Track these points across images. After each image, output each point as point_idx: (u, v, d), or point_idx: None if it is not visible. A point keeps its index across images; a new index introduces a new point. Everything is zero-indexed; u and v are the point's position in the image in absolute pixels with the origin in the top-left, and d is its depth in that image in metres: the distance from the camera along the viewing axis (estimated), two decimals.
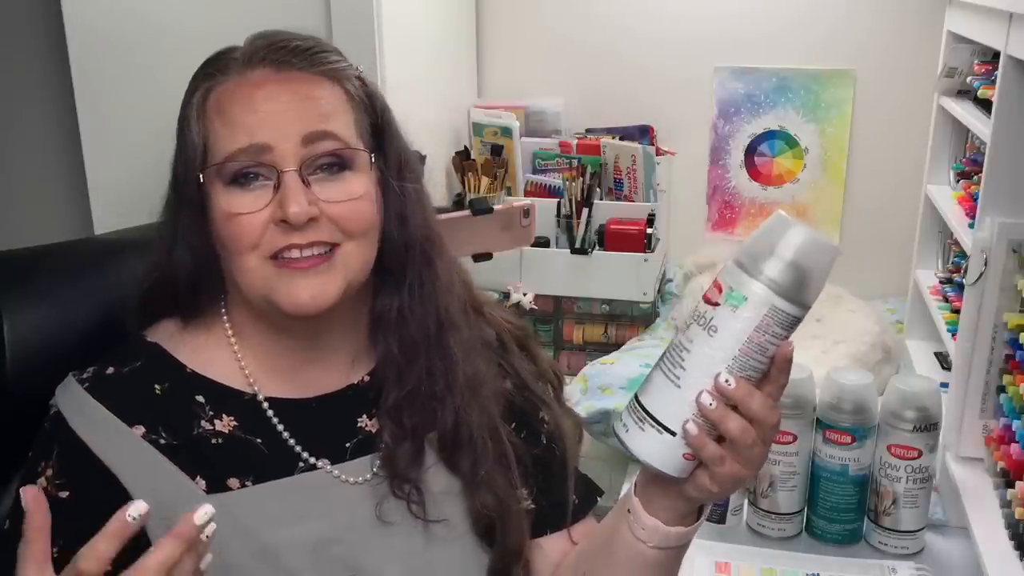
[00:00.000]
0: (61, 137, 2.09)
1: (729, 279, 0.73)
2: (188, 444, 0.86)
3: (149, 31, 1.85)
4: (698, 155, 2.39)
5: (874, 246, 2.33)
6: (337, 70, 0.88)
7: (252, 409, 0.89)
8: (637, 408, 0.76)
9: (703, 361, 0.73)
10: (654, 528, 0.83)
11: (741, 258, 0.73)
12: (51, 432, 0.86)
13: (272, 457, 0.88)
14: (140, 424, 0.85)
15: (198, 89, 0.87)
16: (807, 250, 0.72)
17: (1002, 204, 1.30)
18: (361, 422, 0.93)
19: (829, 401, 1.25)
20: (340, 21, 1.76)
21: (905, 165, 2.18)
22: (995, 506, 1.26)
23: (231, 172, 0.84)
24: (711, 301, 0.73)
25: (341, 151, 0.86)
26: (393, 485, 0.90)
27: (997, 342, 1.31)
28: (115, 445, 0.84)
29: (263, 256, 0.84)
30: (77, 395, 0.86)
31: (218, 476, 0.86)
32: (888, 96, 2.24)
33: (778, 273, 0.72)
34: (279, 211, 0.83)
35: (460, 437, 0.93)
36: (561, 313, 2.18)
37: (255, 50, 0.87)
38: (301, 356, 0.92)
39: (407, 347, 0.92)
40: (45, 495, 0.76)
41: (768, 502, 1.29)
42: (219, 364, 0.90)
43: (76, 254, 1.01)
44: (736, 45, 2.30)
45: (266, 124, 0.83)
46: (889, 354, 1.92)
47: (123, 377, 0.87)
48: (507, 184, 2.25)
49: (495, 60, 2.45)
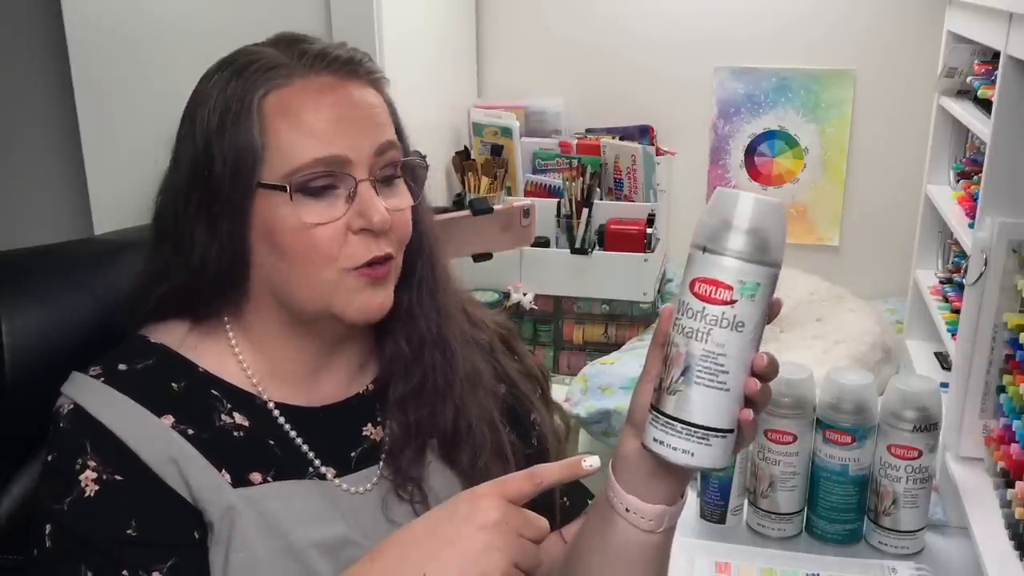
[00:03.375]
0: (61, 137, 2.09)
1: (730, 275, 0.73)
2: (213, 436, 0.84)
3: (149, 31, 1.86)
4: (698, 155, 2.40)
5: (874, 246, 2.34)
6: (381, 79, 0.90)
7: (263, 413, 0.88)
8: (684, 426, 0.75)
9: (741, 356, 0.75)
10: (661, 513, 0.83)
11: (734, 248, 0.73)
12: (75, 428, 0.82)
13: (286, 459, 0.87)
14: (168, 414, 0.83)
15: (253, 90, 0.83)
16: (775, 216, 0.74)
17: (1002, 204, 1.30)
18: (366, 431, 0.93)
19: (829, 401, 1.25)
20: (340, 21, 1.76)
21: (905, 165, 2.19)
22: (995, 506, 1.25)
23: (304, 182, 0.82)
24: (726, 300, 0.73)
25: (403, 160, 0.88)
26: (397, 486, 0.90)
27: (997, 342, 1.31)
28: (146, 435, 0.82)
29: (343, 268, 0.83)
30: (97, 387, 0.83)
31: (241, 470, 0.84)
32: (888, 96, 2.24)
33: (776, 250, 0.74)
34: (358, 220, 0.83)
35: (459, 431, 0.93)
36: (561, 313, 2.18)
37: (313, 56, 0.85)
38: (314, 363, 0.91)
39: (414, 342, 0.93)
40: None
41: (768, 502, 1.29)
42: (226, 367, 0.89)
43: (76, 254, 1.00)
44: (736, 45, 2.30)
45: (340, 135, 0.82)
46: (889, 354, 1.92)
47: (138, 372, 0.85)
48: (507, 184, 2.26)
49: (495, 60, 2.45)
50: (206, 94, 0.85)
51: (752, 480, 1.30)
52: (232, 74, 0.84)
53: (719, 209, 0.74)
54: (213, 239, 0.84)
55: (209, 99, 0.84)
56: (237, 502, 0.82)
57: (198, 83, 0.87)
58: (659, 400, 0.76)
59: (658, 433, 0.76)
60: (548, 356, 2.20)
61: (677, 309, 0.76)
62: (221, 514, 0.82)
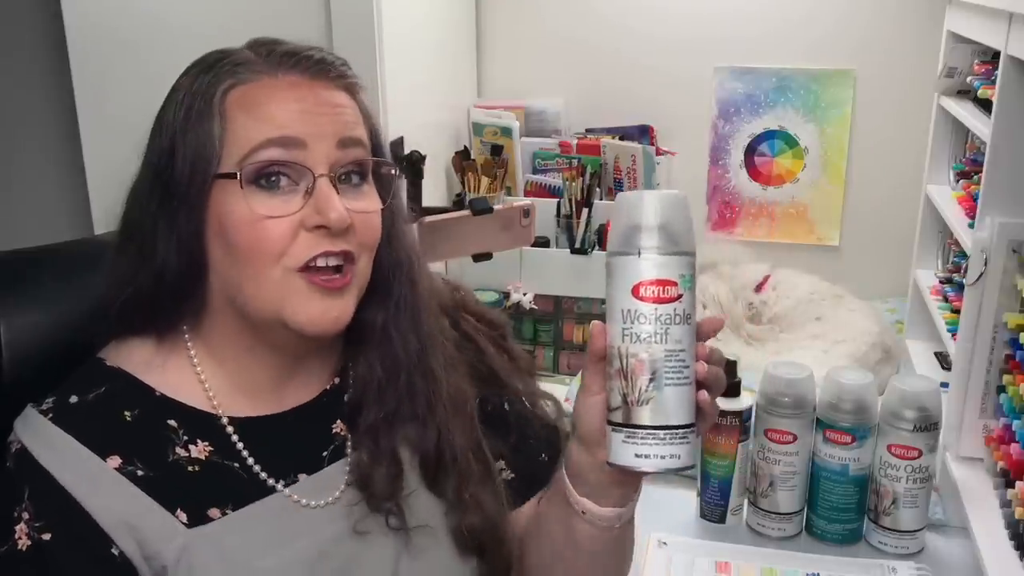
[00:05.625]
0: (61, 137, 2.09)
1: (671, 271, 0.75)
2: (164, 474, 0.80)
3: (149, 31, 1.86)
4: (698, 155, 2.39)
5: (874, 246, 2.33)
6: (355, 84, 0.87)
7: (222, 434, 0.85)
8: (666, 431, 0.75)
9: (693, 346, 0.77)
10: (618, 515, 0.85)
11: (665, 245, 0.75)
12: (17, 471, 0.78)
13: (249, 481, 0.84)
14: (115, 454, 0.79)
15: (217, 84, 0.81)
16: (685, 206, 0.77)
17: (1002, 204, 1.30)
18: (336, 427, 0.90)
19: (829, 401, 1.25)
20: (340, 21, 1.76)
21: (905, 165, 2.18)
22: (995, 506, 1.26)
23: (257, 167, 0.78)
24: (674, 297, 0.75)
25: (367, 161, 0.84)
26: (371, 506, 0.87)
27: (997, 342, 1.31)
28: (88, 480, 0.78)
29: (289, 267, 0.79)
30: (42, 427, 0.79)
31: (198, 506, 0.81)
32: (888, 96, 2.24)
33: (692, 238, 0.76)
34: (314, 217, 0.79)
35: (444, 459, 0.90)
36: (561, 313, 2.18)
37: (281, 55, 0.83)
38: (278, 372, 0.88)
39: (388, 365, 0.89)
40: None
41: (768, 502, 1.29)
42: (186, 386, 0.85)
43: (76, 254, 1.00)
44: (736, 45, 2.30)
45: (300, 121, 0.79)
46: (889, 354, 1.92)
47: (88, 405, 0.81)
48: (507, 184, 2.25)
49: (495, 60, 2.45)
50: (175, 92, 0.83)
51: (752, 480, 1.30)
52: (200, 71, 0.83)
53: (634, 212, 0.75)
54: (171, 239, 0.81)
55: (177, 95, 0.83)
56: (193, 541, 0.79)
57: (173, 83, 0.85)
58: (628, 415, 0.75)
59: (639, 448, 0.75)
60: (548, 356, 2.19)
61: (621, 319, 0.75)
62: (177, 556, 0.79)
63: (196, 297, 0.84)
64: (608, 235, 0.79)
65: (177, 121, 0.81)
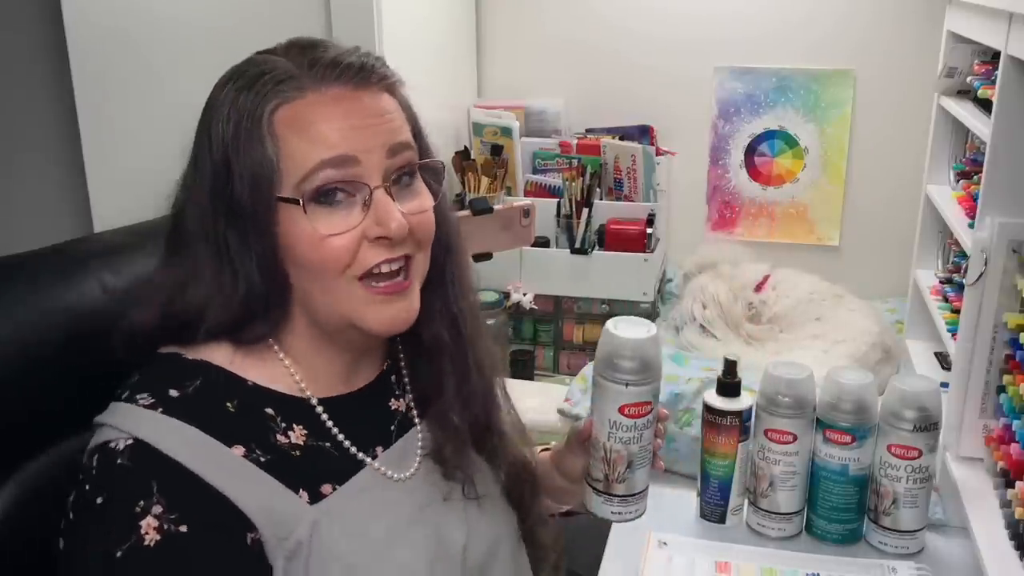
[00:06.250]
0: (61, 137, 2.09)
1: (646, 396, 0.98)
2: (278, 458, 0.83)
3: (149, 31, 1.86)
4: (698, 155, 2.40)
5: (874, 246, 2.34)
6: (394, 83, 0.89)
7: (314, 416, 0.89)
8: (634, 497, 1.01)
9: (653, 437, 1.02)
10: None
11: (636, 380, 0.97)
12: (138, 466, 0.77)
13: (342, 457, 0.89)
14: (239, 444, 0.81)
15: (263, 105, 0.82)
16: (657, 344, 0.99)
17: (1002, 204, 1.30)
18: (393, 404, 0.96)
19: (829, 401, 1.25)
20: (340, 21, 1.76)
21: (905, 165, 2.19)
22: (995, 506, 1.25)
23: (315, 188, 0.81)
24: (646, 412, 0.99)
25: (419, 162, 0.88)
26: (447, 475, 0.95)
27: (997, 342, 1.31)
28: (222, 468, 0.79)
29: (353, 276, 0.84)
30: (157, 420, 0.79)
31: (313, 485, 0.85)
32: (888, 96, 2.25)
33: (660, 366, 1.00)
34: (375, 228, 0.83)
35: (491, 424, 1.00)
36: (561, 313, 2.18)
37: (323, 67, 0.83)
38: (349, 363, 0.93)
39: (453, 335, 0.95)
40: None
41: (768, 502, 1.29)
42: (275, 376, 0.88)
43: (76, 254, 1.00)
44: (736, 45, 2.31)
45: (349, 138, 0.82)
46: (889, 354, 1.92)
47: (191, 397, 0.81)
48: (507, 184, 2.26)
49: (495, 60, 2.45)
50: (219, 106, 0.84)
51: (752, 480, 1.30)
52: (243, 85, 0.83)
53: (623, 350, 0.96)
54: (248, 259, 0.83)
55: (222, 111, 0.83)
56: (320, 517, 0.83)
57: (211, 92, 0.85)
58: (608, 487, 1.01)
59: (614, 508, 1.02)
60: (548, 356, 2.20)
61: (608, 425, 0.98)
62: (309, 533, 0.82)
63: (282, 307, 0.87)
64: (596, 356, 0.99)
65: (227, 137, 0.82)
